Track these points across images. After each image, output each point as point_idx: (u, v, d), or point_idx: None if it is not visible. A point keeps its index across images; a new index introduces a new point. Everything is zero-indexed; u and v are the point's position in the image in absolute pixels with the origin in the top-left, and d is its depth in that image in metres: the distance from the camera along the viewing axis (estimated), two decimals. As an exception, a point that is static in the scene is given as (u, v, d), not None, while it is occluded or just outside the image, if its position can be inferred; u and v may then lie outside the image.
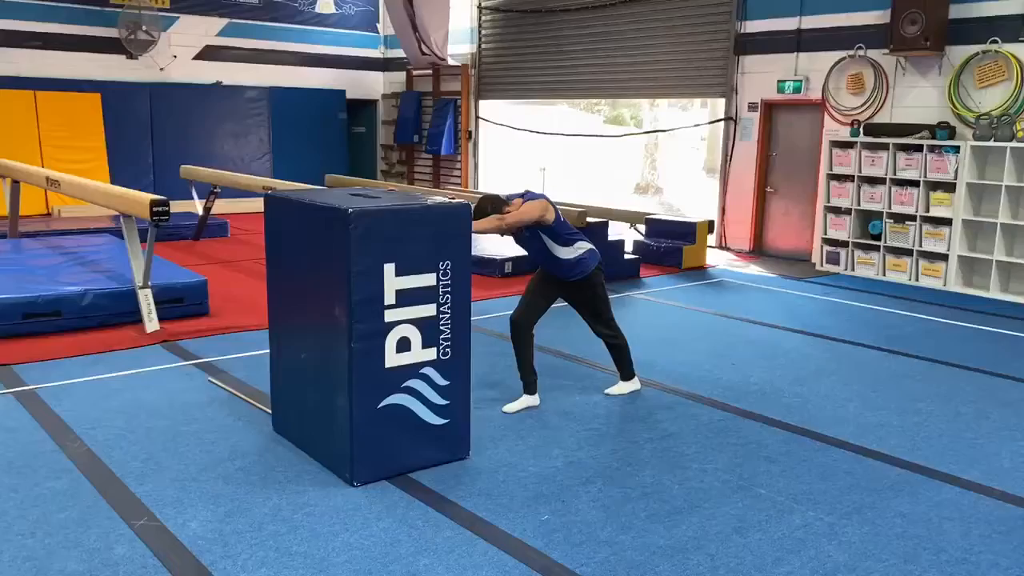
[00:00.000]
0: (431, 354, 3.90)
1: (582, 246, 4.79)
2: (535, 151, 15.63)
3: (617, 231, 10.59)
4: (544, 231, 4.66)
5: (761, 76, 10.57)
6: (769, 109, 10.63)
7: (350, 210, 3.58)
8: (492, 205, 4.56)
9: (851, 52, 9.59)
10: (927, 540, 3.44)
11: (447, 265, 3.87)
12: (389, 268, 3.70)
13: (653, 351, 6.12)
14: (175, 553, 3.18)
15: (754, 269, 9.84)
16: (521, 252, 8.96)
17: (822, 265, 9.83)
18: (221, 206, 11.80)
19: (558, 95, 13.73)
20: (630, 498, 3.74)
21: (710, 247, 11.00)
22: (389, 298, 3.72)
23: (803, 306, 7.92)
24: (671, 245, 9.66)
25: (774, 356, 6.10)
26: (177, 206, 11.69)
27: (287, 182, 9.30)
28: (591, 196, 14.15)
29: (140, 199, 5.97)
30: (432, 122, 15.19)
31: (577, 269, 4.78)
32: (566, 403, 4.95)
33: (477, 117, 14.76)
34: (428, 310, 3.85)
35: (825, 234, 9.79)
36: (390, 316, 3.74)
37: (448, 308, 3.91)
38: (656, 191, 18.81)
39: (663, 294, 8.25)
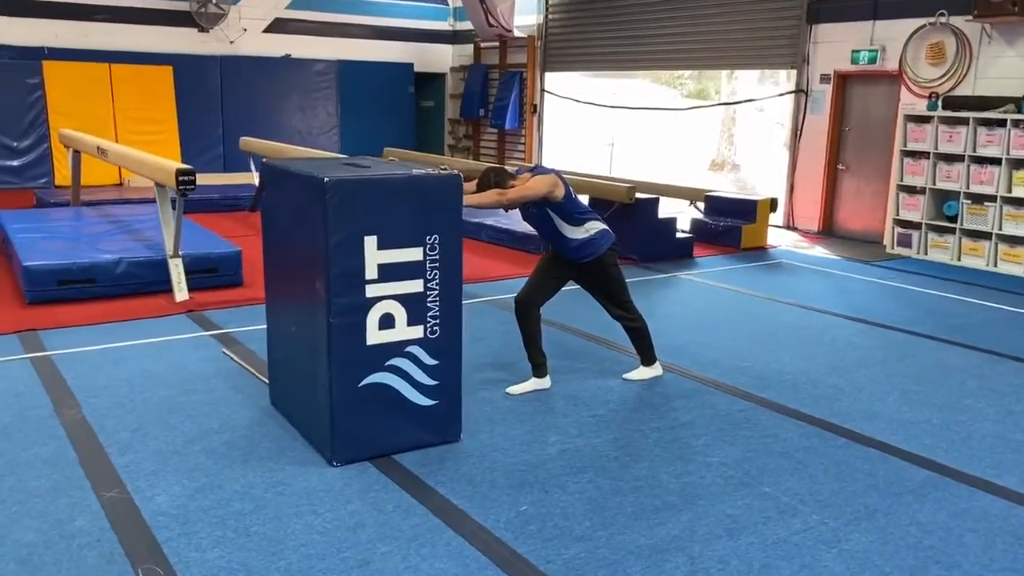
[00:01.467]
0: (417, 332, 3.72)
1: (594, 226, 4.53)
2: (603, 125, 15.27)
3: (678, 208, 10.24)
4: (552, 208, 4.42)
5: (834, 46, 9.97)
6: (842, 81, 10.03)
7: (326, 179, 3.43)
8: (496, 178, 4.34)
9: (932, 19, 8.93)
10: (941, 552, 3.10)
11: (435, 239, 3.68)
12: (370, 240, 3.53)
13: (686, 335, 5.81)
14: (133, 528, 3.11)
15: (819, 251, 9.33)
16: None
17: (893, 248, 9.24)
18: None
19: (623, 66, 13.33)
20: (620, 491, 3.50)
21: (775, 227, 10.51)
22: (370, 272, 3.56)
23: (863, 291, 7.44)
24: (730, 224, 9.23)
25: (817, 344, 5.72)
26: (241, 178, 11.90)
27: (336, 155, 9.24)
28: (659, 172, 13.74)
29: (167, 168, 5.97)
30: (497, 95, 14.98)
31: (588, 250, 4.52)
32: (577, 387, 4.72)
33: (542, 90, 14.47)
34: (414, 286, 3.67)
35: (897, 215, 9.19)
36: (372, 291, 3.58)
37: (436, 285, 3.72)
38: (732, 168, 18.17)
39: (714, 275, 7.87)
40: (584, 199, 8.99)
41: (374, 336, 3.62)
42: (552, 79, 14.40)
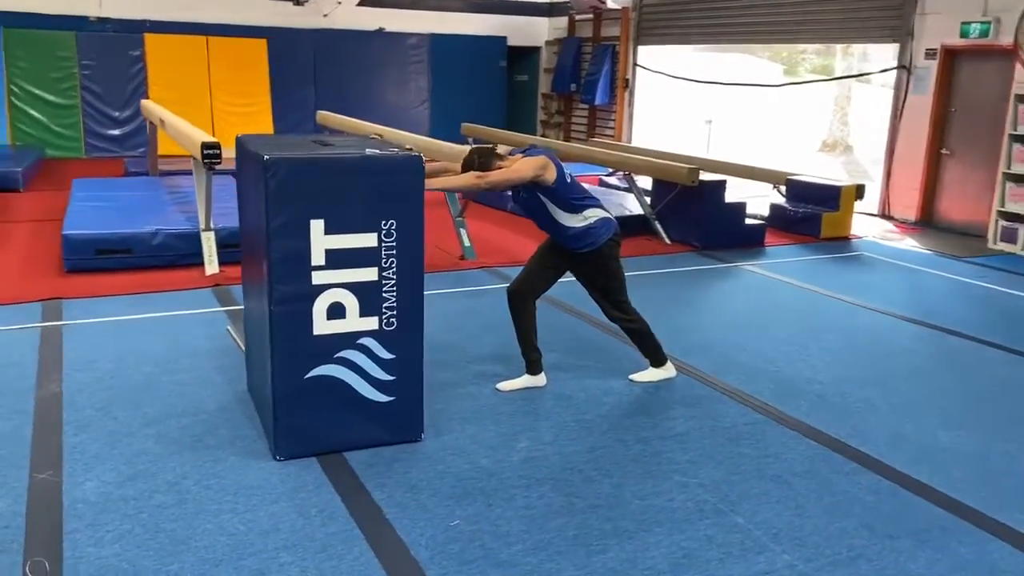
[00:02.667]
0: (371, 323, 3.48)
1: (593, 214, 4.14)
2: (701, 103, 14.56)
3: (763, 191, 9.61)
4: (544, 194, 4.05)
5: (943, 17, 9.04)
6: (949, 57, 9.09)
7: (267, 156, 3.21)
8: (480, 159, 4.01)
9: (1054, -13, 7.94)
10: (921, 615, 2.63)
11: (391, 224, 3.41)
12: (316, 224, 3.30)
13: (719, 333, 5.35)
14: (46, 515, 3.02)
15: (909, 243, 8.52)
16: (624, 211, 8.30)
17: (995, 243, 8.34)
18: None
19: (718, 39, 12.61)
20: (570, 510, 3.17)
21: (868, 215, 9.73)
22: (317, 258, 3.34)
23: (944, 291, 6.71)
24: (809, 211, 8.54)
25: (865, 349, 5.14)
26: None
27: (397, 130, 9.11)
28: (760, 153, 12.99)
29: (196, 141, 5.94)
30: (589, 70, 14.51)
31: (585, 240, 4.14)
32: (573, 386, 4.37)
33: (635, 64, 13.90)
34: (367, 274, 3.43)
35: (1002, 206, 8.28)
36: (319, 278, 3.36)
37: (393, 273, 3.46)
38: (845, 150, 17.04)
39: (780, 267, 7.28)
40: (647, 182, 8.54)
41: (322, 326, 3.40)
42: (646, 53, 13.81)
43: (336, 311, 3.41)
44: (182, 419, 3.84)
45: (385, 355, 3.53)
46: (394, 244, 3.43)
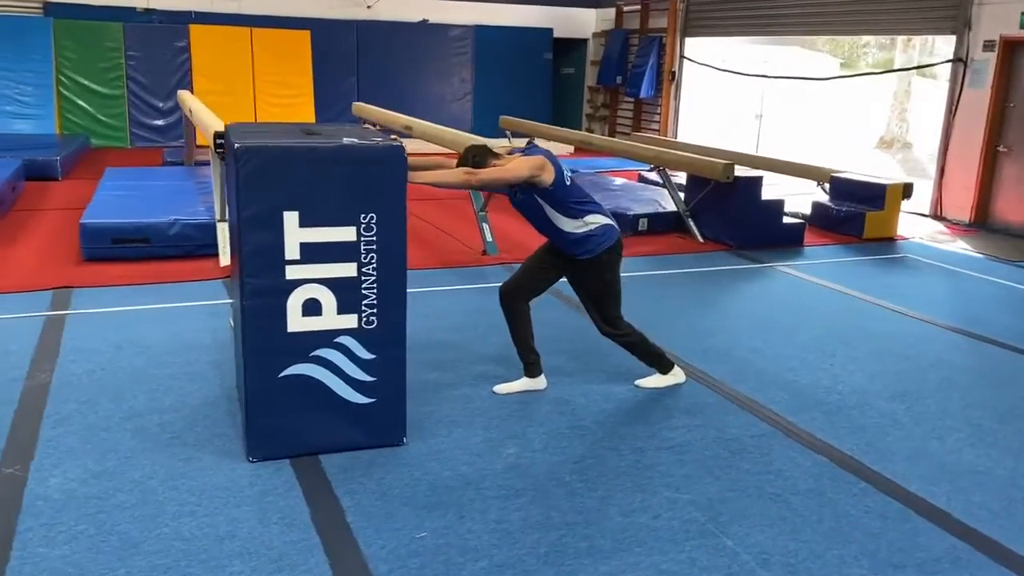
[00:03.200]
0: (350, 321, 3.33)
1: (594, 220, 3.90)
2: (751, 97, 14.16)
3: (809, 188, 9.25)
4: (541, 196, 3.83)
5: (1002, 7, 8.55)
6: (1009, 49, 8.60)
7: (238, 145, 3.08)
8: (475, 156, 3.80)
9: (1123, -26, 7.42)
10: (916, 660, 2.38)
11: (371, 218, 3.25)
12: (290, 217, 3.16)
13: (741, 338, 5.08)
14: (3, 512, 2.93)
15: (960, 246, 8.08)
16: (659, 208, 8.04)
17: (1053, 246, 7.86)
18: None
19: (767, 31, 12.19)
20: (546, 525, 2.97)
21: (919, 215, 9.29)
22: (291, 252, 3.19)
23: (990, 298, 6.32)
24: (853, 210, 8.16)
25: (896, 358, 4.82)
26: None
27: (428, 123, 8.97)
28: (812, 149, 12.56)
29: (211, 130, 5.87)
30: (635, 62, 14.20)
31: (584, 247, 3.90)
32: (574, 390, 4.17)
33: (682, 56, 13.55)
34: (345, 269, 3.27)
35: (1061, 208, 7.80)
36: (293, 273, 3.21)
37: (373, 269, 3.30)
38: (903, 147, 16.39)
39: (817, 269, 6.95)
40: (680, 178, 8.25)
41: (296, 323, 3.26)
42: (695, 45, 13.44)
43: (312, 308, 3.26)
44: (164, 414, 3.74)
45: (365, 355, 3.37)
46: (374, 238, 3.27)
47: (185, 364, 4.33)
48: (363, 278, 3.30)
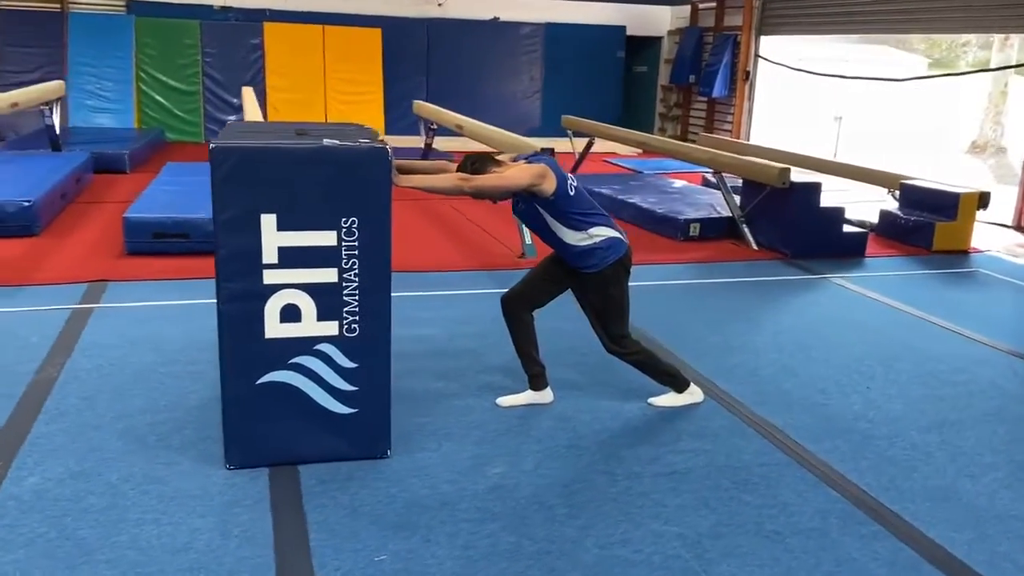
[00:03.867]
0: (331, 329, 3.22)
1: (600, 232, 3.69)
2: (831, 98, 13.59)
3: (877, 195, 8.78)
4: (542, 205, 3.63)
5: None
6: (1106, 48, 7.94)
7: (213, 145, 3.00)
8: (474, 163, 3.63)
9: None
10: None
11: (352, 222, 3.13)
12: (268, 219, 3.07)
13: (772, 355, 4.78)
14: (-28, 510, 2.94)
15: (1042, 260, 7.51)
16: (713, 212, 7.73)
17: None
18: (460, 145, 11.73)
19: (849, 29, 11.65)
20: (516, 554, 2.80)
21: (1001, 226, 8.69)
22: (269, 256, 3.10)
23: (1066, 318, 5.81)
24: (922, 220, 7.66)
25: (943, 384, 4.45)
26: (412, 141, 11.84)
27: (479, 123, 8.85)
28: (895, 153, 11.95)
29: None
30: (708, 60, 13.79)
31: (588, 260, 3.69)
32: (581, 406, 3.97)
33: (756, 55, 13.07)
34: (326, 275, 3.16)
35: None
36: (271, 277, 3.12)
37: (355, 275, 3.18)
38: (996, 152, 15.44)
39: (875, 282, 6.53)
40: (736, 182, 7.91)
41: (274, 329, 3.17)
42: (772, 43, 12.95)
43: (290, 314, 3.17)
44: (157, 415, 3.71)
45: (346, 364, 3.26)
46: (356, 243, 3.15)
47: (191, 363, 4.30)
48: (344, 285, 3.18)
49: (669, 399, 4.04)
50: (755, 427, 3.84)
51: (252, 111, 7.39)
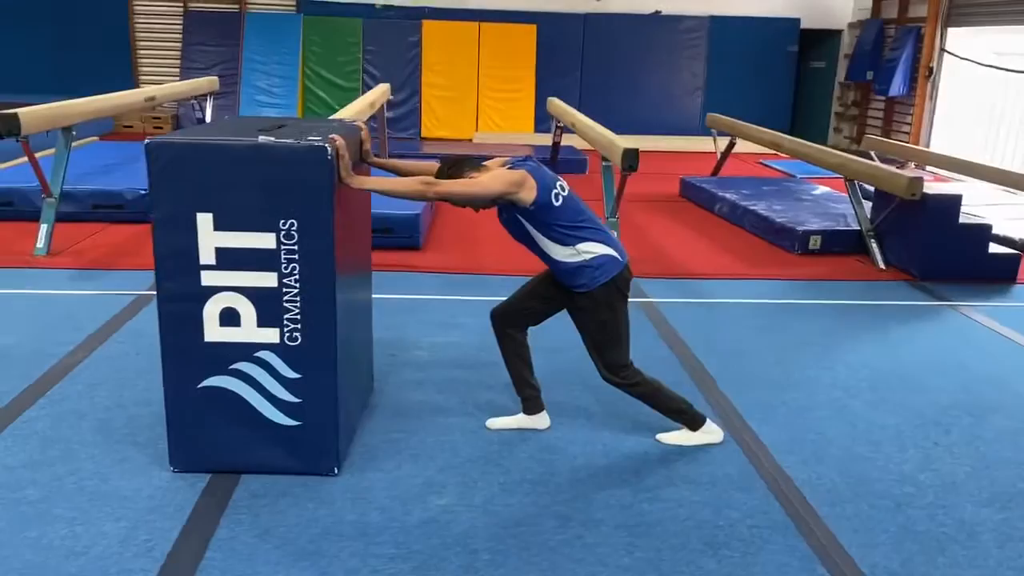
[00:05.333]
0: (271, 336, 3.06)
1: (591, 249, 3.27)
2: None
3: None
4: (523, 216, 3.27)
5: None
6: None
7: (148, 140, 2.92)
8: (451, 167, 3.32)
9: None
10: None
11: (291, 225, 2.95)
12: (204, 219, 2.95)
13: (838, 393, 4.14)
14: (-81, 490, 3.03)
15: None
16: (840, 224, 6.95)
17: None
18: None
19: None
20: (405, 602, 2.51)
21: None
22: (206, 256, 2.98)
23: None
24: (1099, 242, 6.47)
25: (1039, 445, 3.65)
26: (543, 139, 11.57)
27: (590, 121, 8.45)
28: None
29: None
30: (887, 55, 12.53)
31: (579, 279, 3.29)
32: (577, 436, 3.58)
33: (941, 49, 11.70)
34: (265, 279, 3.00)
35: None
36: (209, 279, 3.01)
37: (295, 281, 3.00)
38: None
39: (1012, 315, 5.54)
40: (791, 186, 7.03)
41: (214, 332, 3.05)
42: (959, 36, 11.55)
43: (230, 318, 3.04)
44: (138, 408, 3.70)
45: (289, 374, 3.09)
46: (295, 247, 2.97)
47: (211, 357, 4.31)
48: (285, 290, 3.01)
49: (680, 436, 3.56)
50: (768, 479, 3.29)
51: (355, 104, 7.44)
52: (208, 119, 10.36)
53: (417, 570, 2.67)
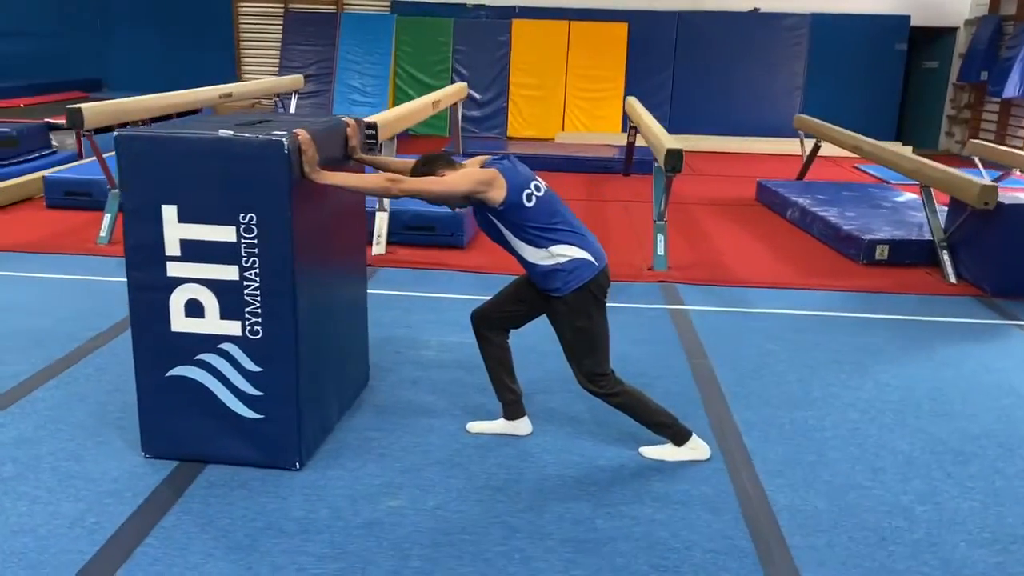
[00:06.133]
0: (233, 328, 3.08)
1: (564, 252, 3.14)
2: None
3: None
4: (494, 215, 3.17)
5: None
6: None
7: (118, 133, 2.99)
8: (424, 164, 3.25)
9: None
10: None
11: (250, 219, 2.97)
12: (169, 210, 3.00)
13: (853, 415, 3.85)
14: (-89, 460, 3.21)
15: None
16: (912, 234, 6.51)
17: None
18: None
19: None
20: (318, 603, 2.47)
21: None
22: (172, 248, 3.04)
23: None
24: None
25: (1072, 485, 3.28)
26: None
27: (653, 122, 8.20)
28: None
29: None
30: (1004, 54, 11.67)
31: (553, 283, 3.18)
32: (552, 445, 3.46)
33: (1063, 48, 10.80)
34: (227, 272, 3.03)
35: None
36: (174, 270, 3.06)
37: (255, 275, 3.02)
38: None
39: (1098, 334, 5.04)
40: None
41: (180, 323, 3.10)
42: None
43: (194, 309, 3.08)
44: (135, 395, 3.76)
45: (251, 367, 3.11)
46: (255, 241, 2.98)
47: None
48: (245, 284, 3.03)
49: (664, 451, 3.38)
50: (743, 501, 3.08)
51: (415, 104, 7.46)
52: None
53: (342, 571, 2.63)
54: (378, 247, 6.25)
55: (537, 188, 3.19)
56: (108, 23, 14.38)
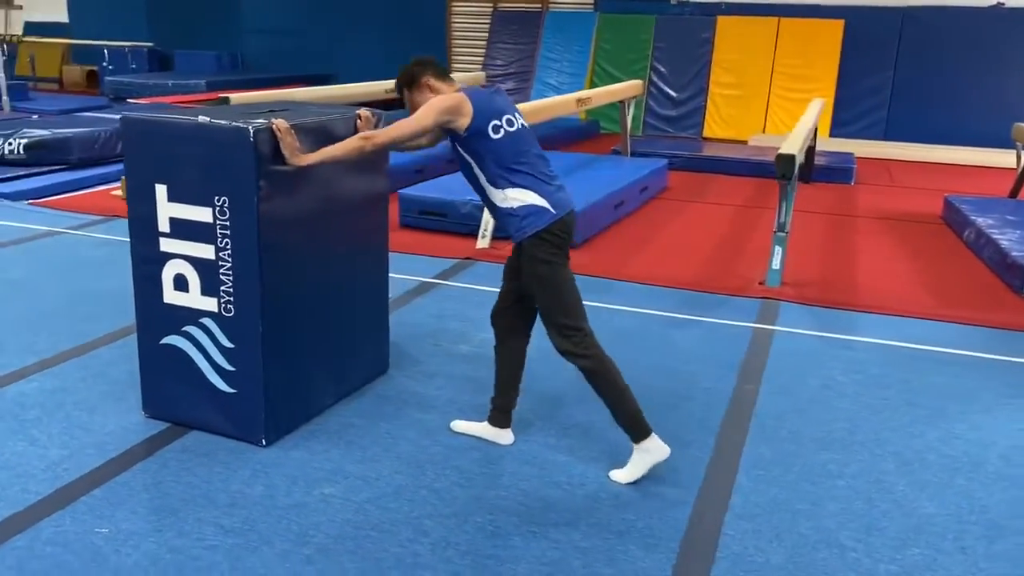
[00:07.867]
0: (211, 304, 3.25)
1: (518, 196, 3.01)
2: None
3: None
4: (460, 146, 3.06)
5: None
6: None
7: (123, 115, 3.24)
8: (403, 83, 3.26)
9: None
10: None
11: (224, 201, 3.11)
12: (161, 189, 3.22)
13: (888, 466, 3.33)
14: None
15: None
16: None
17: None
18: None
19: None
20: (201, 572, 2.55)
21: None
22: (163, 224, 3.26)
23: None
24: None
25: None
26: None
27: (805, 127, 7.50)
28: None
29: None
30: None
31: (507, 228, 3.09)
32: (526, 456, 3.30)
33: None
34: (205, 250, 3.21)
35: None
36: (165, 245, 3.28)
37: (228, 255, 3.16)
38: None
39: None
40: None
41: (170, 295, 3.32)
42: None
43: (181, 283, 3.28)
44: (125, 364, 3.97)
45: (225, 342, 3.26)
46: (228, 223, 3.13)
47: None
48: (220, 263, 3.19)
49: (626, 472, 3.12)
50: (687, 544, 2.77)
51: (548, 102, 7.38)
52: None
53: (237, 546, 2.69)
54: (483, 241, 6.28)
55: (509, 123, 3.06)
56: (338, 23, 15.55)
